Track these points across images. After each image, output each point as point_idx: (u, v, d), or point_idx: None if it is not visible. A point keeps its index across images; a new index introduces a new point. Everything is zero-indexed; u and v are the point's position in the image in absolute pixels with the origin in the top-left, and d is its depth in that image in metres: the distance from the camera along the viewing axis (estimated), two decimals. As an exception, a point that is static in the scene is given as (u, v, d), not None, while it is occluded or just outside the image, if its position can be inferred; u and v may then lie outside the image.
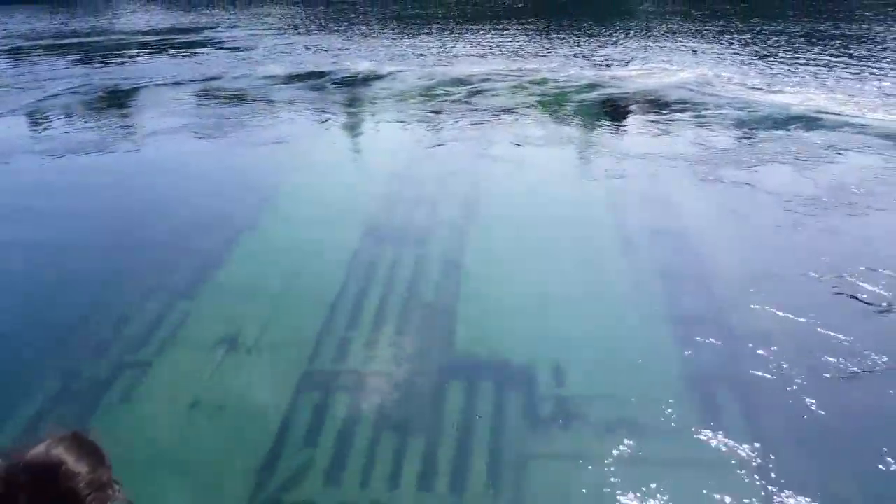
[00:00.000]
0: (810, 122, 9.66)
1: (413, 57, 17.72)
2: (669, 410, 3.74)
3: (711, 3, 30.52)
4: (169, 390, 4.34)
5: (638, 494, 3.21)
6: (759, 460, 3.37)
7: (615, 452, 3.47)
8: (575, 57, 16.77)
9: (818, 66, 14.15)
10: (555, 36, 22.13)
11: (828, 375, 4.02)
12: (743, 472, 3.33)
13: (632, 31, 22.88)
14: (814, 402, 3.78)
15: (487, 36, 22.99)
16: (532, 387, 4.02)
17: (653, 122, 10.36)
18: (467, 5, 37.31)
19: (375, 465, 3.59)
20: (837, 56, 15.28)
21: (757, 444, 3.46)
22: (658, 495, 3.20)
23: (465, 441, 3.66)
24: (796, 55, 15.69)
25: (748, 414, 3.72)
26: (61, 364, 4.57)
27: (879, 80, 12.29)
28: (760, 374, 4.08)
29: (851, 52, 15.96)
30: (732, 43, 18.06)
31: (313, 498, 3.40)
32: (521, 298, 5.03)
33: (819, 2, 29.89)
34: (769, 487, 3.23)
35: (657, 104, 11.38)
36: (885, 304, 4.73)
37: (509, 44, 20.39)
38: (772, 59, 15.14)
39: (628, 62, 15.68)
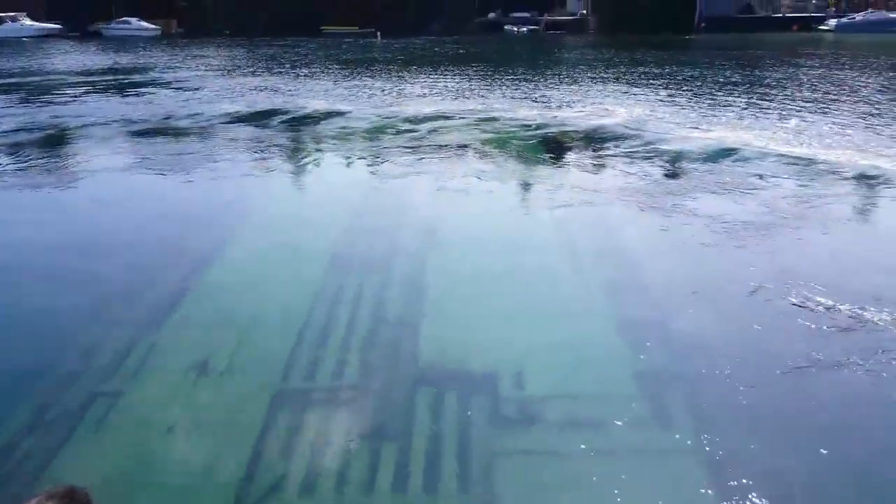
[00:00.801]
0: (736, 155, 10.61)
1: (363, 97, 18.27)
2: (623, 406, 4.11)
3: (632, 50, 32.56)
4: (142, 417, 4.41)
5: (597, 484, 3.52)
6: (705, 447, 3.75)
7: (575, 446, 3.79)
8: (518, 98, 17.69)
9: (735, 106, 15.61)
10: (497, 79, 23.21)
11: (762, 371, 4.48)
12: (689, 457, 3.70)
13: (565, 76, 24.24)
14: (751, 394, 4.22)
15: (432, 78, 23.87)
16: (495, 392, 4.32)
17: (595, 156, 11.10)
18: (406, 51, 38.49)
19: (350, 473, 3.77)
20: (749, 98, 17.07)
21: (702, 434, 3.86)
22: (615, 484, 3.52)
23: (436, 445, 3.92)
24: (715, 97, 17.19)
25: (693, 406, 4.13)
26: (29, 396, 4.58)
27: (786, 118, 13.83)
28: (703, 371, 4.51)
29: (760, 94, 17.74)
30: (658, 87, 19.50)
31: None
32: (480, 314, 5.38)
33: (724, 51, 32.40)
34: (714, 471, 3.60)
35: (597, 140, 12.20)
36: (810, 309, 5.28)
37: (456, 85, 21.26)
38: (695, 101, 16.54)
39: (568, 103, 16.67)
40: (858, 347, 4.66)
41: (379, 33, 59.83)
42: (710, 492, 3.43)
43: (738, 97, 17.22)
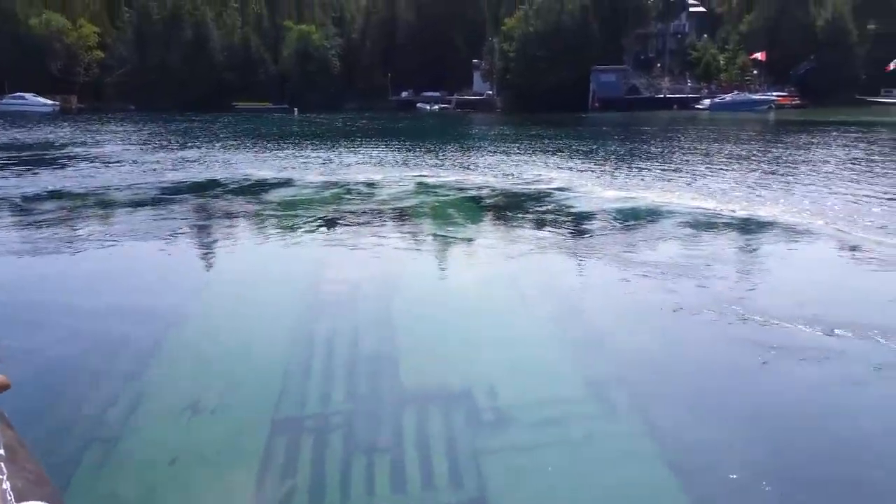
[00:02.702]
0: (657, 212, 12.03)
1: (299, 167, 18.99)
2: (582, 408, 4.96)
3: (537, 126, 35.24)
4: (140, 458, 4.60)
5: (562, 475, 4.22)
6: (652, 438, 4.58)
7: (543, 443, 4.53)
8: (441, 166, 18.97)
9: (646, 170, 17.59)
10: (420, 150, 24.59)
11: (695, 378, 5.49)
12: (640, 447, 4.52)
13: (481, 147, 26.00)
14: (687, 393, 5.20)
15: (359, 150, 24.90)
16: (473, 405, 5.01)
17: (531, 215, 12.23)
18: (327, 126, 39.58)
19: (351, 484, 4.25)
20: (659, 163, 19.19)
21: (643, 425, 4.72)
22: (578, 473, 4.25)
23: (425, 451, 4.51)
24: (627, 164, 19.20)
25: (641, 406, 4.98)
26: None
27: (694, 178, 15.89)
28: (645, 377, 5.46)
29: (667, 159, 19.96)
30: (562, 155, 21.54)
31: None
32: (445, 346, 6.14)
33: (621, 126, 35.85)
34: (664, 456, 4.41)
35: (533, 201, 13.47)
36: (732, 330, 6.34)
37: (382, 155, 22.41)
38: (612, 168, 18.44)
39: (488, 168, 18.07)
40: (773, 354, 5.69)
41: (296, 109, 61.00)
42: (651, 469, 4.26)
43: (640, 163, 19.35)
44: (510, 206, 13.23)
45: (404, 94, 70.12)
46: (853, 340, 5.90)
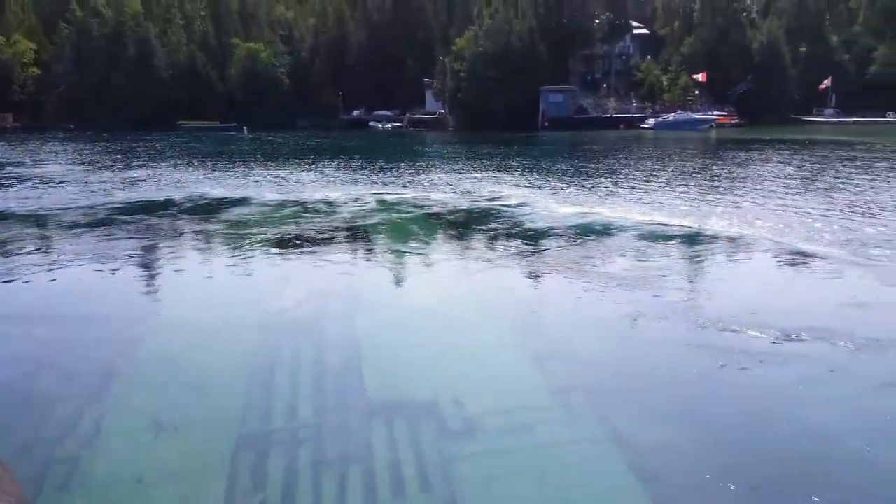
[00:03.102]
0: (611, 226, 12.37)
1: (257, 185, 18.78)
2: (546, 415, 5.09)
3: (489, 144, 35.85)
4: (106, 479, 4.53)
5: (529, 480, 4.34)
6: (614, 442, 4.76)
7: (510, 450, 4.67)
8: (408, 185, 19.10)
9: (598, 187, 18.12)
10: (376, 168, 24.62)
11: (654, 383, 5.70)
12: (603, 451, 4.70)
13: (436, 165, 26.25)
14: (648, 398, 5.40)
15: (313, 168, 24.75)
16: (439, 416, 5.10)
17: (490, 231, 12.43)
18: (279, 145, 39.16)
19: (322, 497, 4.24)
20: (610, 180, 19.87)
21: (612, 432, 4.89)
22: (544, 478, 4.38)
23: (395, 461, 4.54)
24: (580, 181, 19.72)
25: (603, 411, 5.16)
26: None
27: (644, 194, 16.50)
28: (606, 383, 5.67)
29: (617, 176, 20.65)
30: (527, 175, 21.92)
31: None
32: (408, 358, 6.22)
33: (571, 146, 36.85)
34: (626, 458, 4.58)
35: (492, 217, 13.71)
36: (689, 336, 6.62)
37: (338, 174, 22.34)
38: (566, 185, 18.91)
39: (446, 185, 18.27)
40: (729, 358, 5.98)
41: (245, 128, 60.12)
42: (613, 472, 4.45)
43: (592, 180, 19.91)
44: (470, 223, 13.42)
45: (356, 112, 70.14)
46: (804, 344, 6.26)
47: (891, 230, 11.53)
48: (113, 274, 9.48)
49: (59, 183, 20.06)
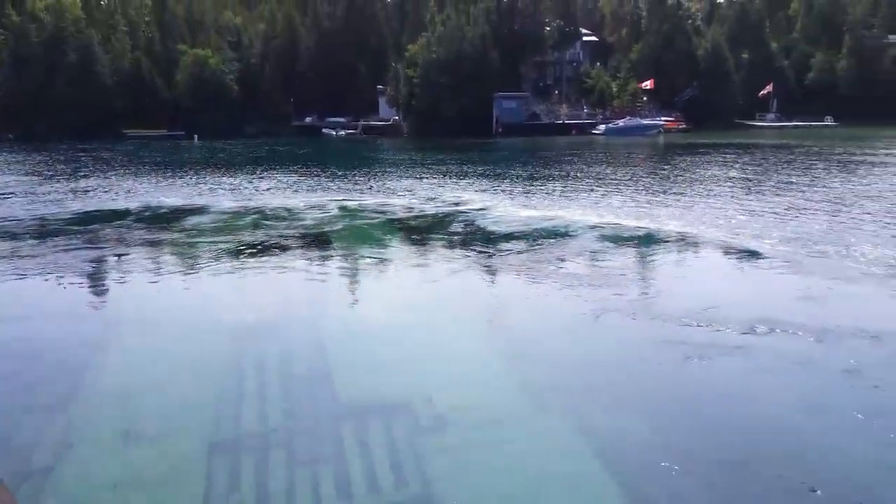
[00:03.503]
0: (570, 228, 12.69)
1: (212, 193, 18.43)
2: (515, 410, 5.29)
3: (444, 151, 36.08)
4: (80, 488, 4.48)
5: (501, 472, 4.53)
6: (583, 434, 4.95)
7: (481, 444, 4.82)
8: (367, 192, 19.06)
9: (555, 191, 18.48)
10: (331, 175, 24.47)
11: (620, 377, 5.94)
12: (572, 443, 4.90)
13: (393, 172, 26.30)
14: (614, 391, 5.62)
15: (269, 175, 24.40)
16: (407, 412, 5.23)
17: (453, 236, 12.57)
18: (230, 153, 38.44)
19: (296, 497, 4.28)
20: (565, 184, 20.34)
21: (580, 425, 5.07)
22: (515, 469, 4.55)
23: (368, 459, 4.61)
24: (537, 186, 20.05)
25: (571, 405, 5.37)
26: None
27: (600, 197, 16.96)
28: (573, 378, 5.87)
29: (572, 180, 21.16)
30: (485, 180, 22.18)
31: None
32: (380, 361, 6.30)
33: (525, 151, 37.44)
34: (594, 449, 4.77)
35: (454, 222, 13.83)
36: (651, 331, 6.88)
37: (293, 181, 22.10)
38: (524, 190, 19.24)
39: (421, 195, 18.36)
40: (691, 350, 6.28)
41: (196, 136, 58.74)
42: (582, 462, 4.65)
43: (548, 185, 20.32)
44: (432, 227, 13.53)
45: (308, 119, 69.33)
46: (761, 336, 6.60)
47: (833, 227, 12.19)
48: (72, 285, 9.25)
49: (2, 195, 19.25)
